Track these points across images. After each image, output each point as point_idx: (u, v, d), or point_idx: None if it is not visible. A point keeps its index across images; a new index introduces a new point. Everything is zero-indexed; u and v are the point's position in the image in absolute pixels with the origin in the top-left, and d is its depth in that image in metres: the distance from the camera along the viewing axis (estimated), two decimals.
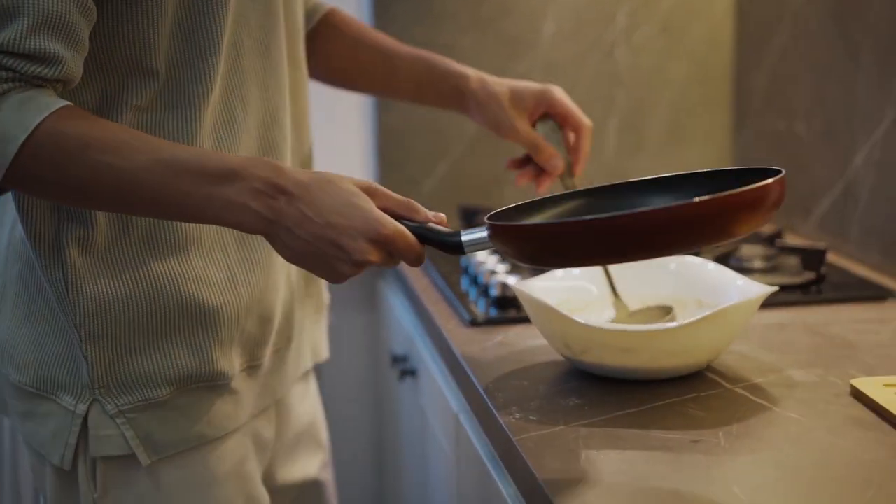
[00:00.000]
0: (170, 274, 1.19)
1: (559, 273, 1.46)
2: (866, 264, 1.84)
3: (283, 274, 1.31)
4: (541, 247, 1.08)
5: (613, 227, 1.02)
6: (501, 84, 1.49)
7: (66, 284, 1.17)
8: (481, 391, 1.31)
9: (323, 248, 1.07)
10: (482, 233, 1.11)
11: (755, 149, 2.27)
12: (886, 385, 1.26)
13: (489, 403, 1.27)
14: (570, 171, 1.49)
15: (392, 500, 2.26)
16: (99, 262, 1.18)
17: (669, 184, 1.18)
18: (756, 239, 1.94)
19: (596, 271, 1.45)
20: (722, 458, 1.11)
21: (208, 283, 1.20)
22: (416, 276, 1.89)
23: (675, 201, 1.04)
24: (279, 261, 1.28)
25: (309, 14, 1.48)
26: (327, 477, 1.50)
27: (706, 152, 2.35)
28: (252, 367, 1.28)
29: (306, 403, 1.46)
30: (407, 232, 1.09)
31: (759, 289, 1.34)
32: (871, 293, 1.66)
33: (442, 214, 1.12)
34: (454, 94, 1.50)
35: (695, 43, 2.32)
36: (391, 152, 2.27)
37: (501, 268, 1.71)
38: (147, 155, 1.07)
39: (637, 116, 2.34)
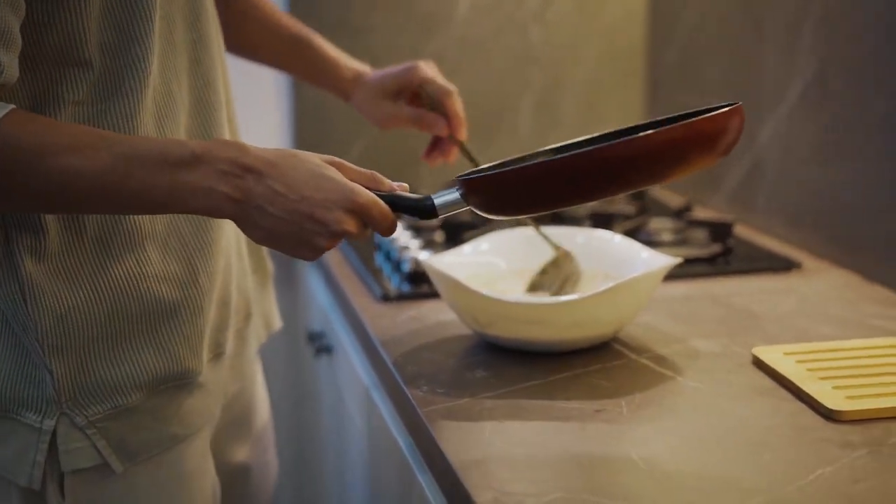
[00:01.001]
0: (128, 274, 1.14)
1: (467, 248, 1.47)
2: (773, 236, 1.88)
3: (234, 250, 1.29)
4: (516, 192, 1.07)
5: (588, 162, 1.03)
6: (370, 77, 1.51)
7: (24, 297, 1.11)
8: (390, 365, 1.32)
9: (299, 222, 1.05)
10: (454, 193, 1.11)
11: None
12: (787, 353, 1.29)
13: (397, 377, 1.28)
14: (456, 138, 1.49)
15: (311, 476, 2.26)
16: (55, 270, 1.12)
17: (630, 134, 1.18)
18: (665, 212, 1.97)
19: (504, 247, 1.47)
20: (623, 426, 1.13)
21: (168, 278, 1.16)
22: (331, 253, 1.89)
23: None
24: (226, 237, 1.25)
25: None
26: (270, 461, 1.49)
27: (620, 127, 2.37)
28: (217, 356, 1.26)
29: (258, 383, 1.45)
30: (380, 200, 1.08)
31: (662, 260, 1.37)
32: (777, 264, 1.70)
33: (405, 184, 1.12)
34: (350, 91, 1.54)
35: (608, 20, 2.34)
36: (307, 132, 2.27)
37: (414, 244, 1.72)
38: (107, 152, 1.03)
39: (552, 94, 2.35)
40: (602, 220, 1.85)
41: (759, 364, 1.28)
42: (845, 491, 0.99)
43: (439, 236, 1.86)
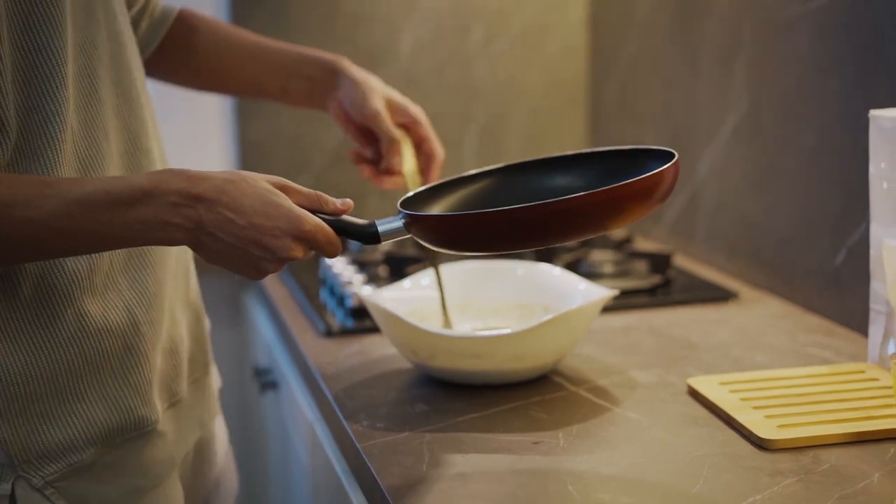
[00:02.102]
0: (69, 330, 1.14)
1: (407, 283, 1.49)
2: (712, 267, 1.91)
3: (180, 299, 1.28)
4: (453, 236, 1.12)
5: (516, 218, 1.08)
6: (376, 79, 1.49)
7: None
8: (331, 400, 1.33)
9: (248, 248, 1.07)
10: (397, 222, 1.14)
11: None
12: (721, 383, 1.31)
13: (338, 412, 1.29)
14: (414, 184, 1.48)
15: None
16: None
17: (568, 163, 1.23)
18: (606, 244, 2.00)
19: (445, 283, 1.48)
20: (560, 458, 1.15)
21: (109, 331, 1.16)
22: (275, 288, 1.90)
23: (573, 186, 1.12)
24: (176, 291, 1.26)
25: (160, 19, 1.43)
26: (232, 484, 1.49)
27: None
28: (173, 404, 1.26)
29: (222, 437, 1.45)
30: (326, 226, 1.10)
31: (600, 292, 1.39)
32: (715, 295, 1.73)
33: (349, 200, 1.14)
34: (326, 79, 1.48)
35: (549, 54, 2.37)
36: (253, 166, 2.28)
37: (358, 279, 1.73)
38: (55, 199, 1.04)
39: (495, 126, 2.38)
40: (544, 253, 1.88)
41: (694, 394, 1.31)
42: None
43: (383, 271, 1.87)
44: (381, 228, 1.14)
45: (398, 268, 1.83)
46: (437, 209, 1.21)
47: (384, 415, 1.27)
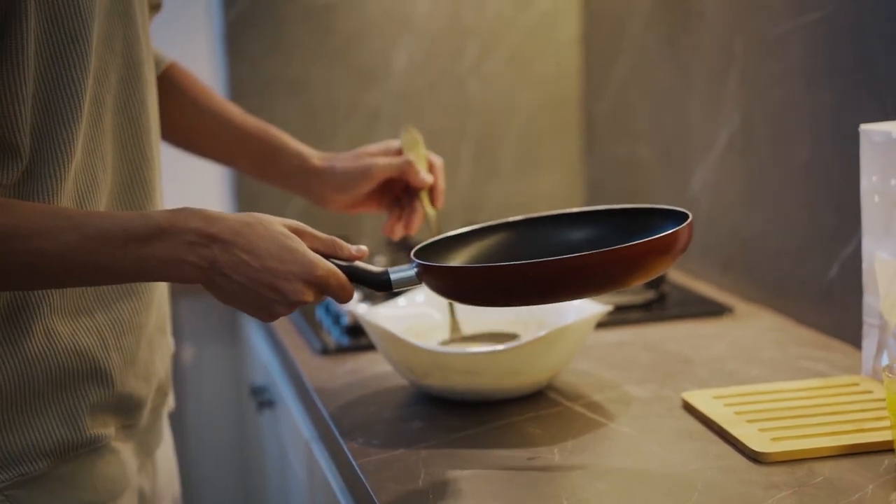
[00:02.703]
0: (38, 348, 1.14)
1: (402, 301, 1.50)
2: (706, 281, 1.92)
3: (154, 327, 1.28)
4: (465, 288, 1.14)
5: (530, 273, 1.09)
6: (323, 169, 1.47)
7: None
8: (327, 418, 1.33)
9: (260, 290, 1.09)
10: (409, 272, 1.16)
11: (603, 172, 2.34)
12: (716, 397, 1.32)
13: (334, 430, 1.29)
14: (431, 202, 1.47)
15: None
16: None
17: (585, 219, 1.25)
18: None
19: (439, 299, 1.48)
20: (555, 473, 1.15)
21: (77, 351, 1.16)
22: None
23: (589, 242, 1.15)
24: (152, 320, 1.26)
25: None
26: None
27: (558, 177, 2.42)
28: (129, 426, 1.26)
29: (169, 454, 1.45)
30: (339, 272, 1.12)
31: (594, 308, 1.40)
32: (709, 309, 1.73)
33: (364, 247, 1.16)
34: (298, 174, 1.48)
35: (543, 72, 2.39)
36: (248, 185, 2.28)
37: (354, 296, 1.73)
38: (72, 233, 1.05)
39: (489, 144, 2.39)
40: None
41: (688, 408, 1.31)
42: None
43: None
44: (393, 277, 1.15)
45: None
46: (452, 261, 1.23)
47: (380, 432, 1.28)
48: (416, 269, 1.15)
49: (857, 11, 1.49)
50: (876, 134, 1.30)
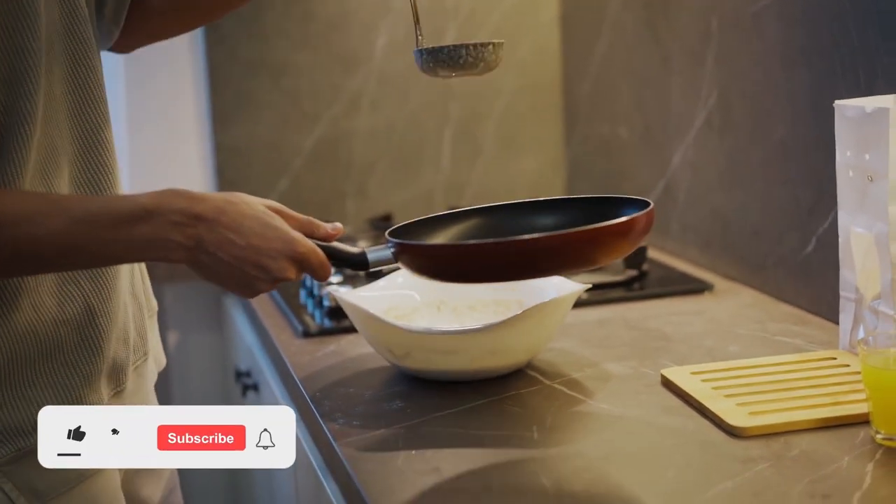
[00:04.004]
0: (26, 320, 1.15)
1: (382, 282, 1.50)
2: (686, 260, 1.93)
3: (127, 290, 1.29)
4: (439, 266, 1.19)
5: (502, 251, 1.15)
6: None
7: None
8: (308, 399, 1.34)
9: (245, 267, 1.12)
10: (386, 251, 1.21)
11: (584, 153, 2.35)
12: (694, 373, 1.33)
13: (315, 411, 1.30)
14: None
15: None
16: None
17: (555, 206, 1.31)
18: None
19: (419, 281, 1.49)
20: (533, 451, 1.16)
21: (66, 321, 1.18)
22: None
23: (559, 226, 1.21)
24: (122, 278, 1.26)
25: None
26: (177, 501, 1.49)
27: (539, 158, 2.42)
28: (118, 393, 1.26)
29: None
30: (319, 250, 1.16)
31: (572, 286, 1.40)
32: (689, 287, 1.74)
33: (339, 224, 1.21)
34: None
35: (523, 54, 2.39)
36: (230, 170, 2.29)
37: (335, 279, 1.74)
38: (60, 217, 1.08)
39: (471, 126, 2.39)
40: None
41: (667, 384, 1.32)
42: None
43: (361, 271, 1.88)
44: (370, 256, 1.21)
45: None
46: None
47: (360, 413, 1.28)
48: (392, 249, 1.19)
49: None
50: (849, 109, 1.30)
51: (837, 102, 1.33)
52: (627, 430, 1.21)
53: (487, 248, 1.16)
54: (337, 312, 1.64)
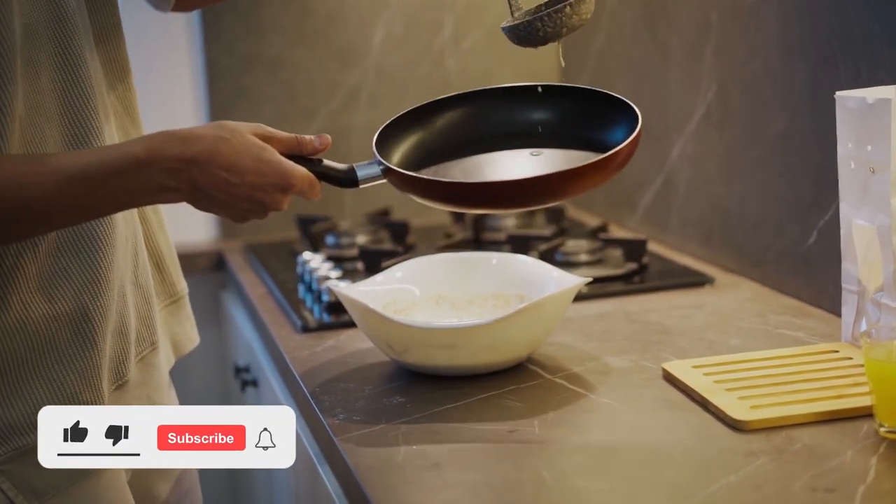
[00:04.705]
0: (16, 318, 1.14)
1: (381, 277, 1.49)
2: (686, 253, 1.92)
3: (129, 279, 1.27)
4: (424, 194, 1.22)
5: (478, 192, 1.22)
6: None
7: None
8: (308, 395, 1.33)
9: (240, 203, 1.15)
10: (375, 168, 1.23)
11: None
12: (695, 367, 1.32)
13: (315, 406, 1.29)
14: None
15: None
16: None
17: (539, 95, 1.34)
18: (581, 233, 2.00)
19: (417, 274, 1.49)
20: (535, 445, 1.16)
21: (57, 318, 1.16)
22: (254, 287, 1.90)
23: (543, 121, 1.31)
24: (118, 268, 1.24)
25: None
26: (196, 497, 1.48)
27: None
28: (120, 386, 1.25)
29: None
30: (310, 174, 1.18)
31: (573, 280, 1.40)
32: (689, 280, 1.74)
33: (326, 135, 1.22)
34: None
35: (520, 48, 2.37)
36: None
37: (334, 273, 1.74)
38: (52, 177, 1.08)
39: None
40: (519, 243, 1.88)
41: (668, 378, 1.31)
42: (748, 498, 1.02)
43: (360, 266, 1.88)
44: (360, 174, 1.23)
45: (373, 262, 1.84)
46: (412, 142, 1.30)
47: (360, 408, 1.28)
48: (381, 168, 1.23)
49: None
50: (850, 100, 1.30)
51: (838, 94, 1.32)
52: (629, 424, 1.20)
53: (472, 187, 1.22)
54: (336, 307, 1.63)
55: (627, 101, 1.27)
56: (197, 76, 2.29)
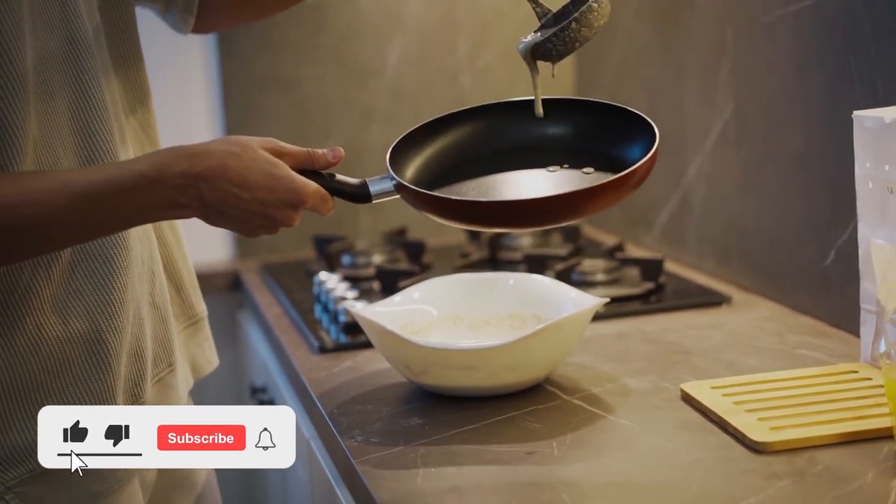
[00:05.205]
0: (29, 340, 1.14)
1: (398, 298, 1.49)
2: (703, 272, 1.91)
3: (145, 300, 1.28)
4: (439, 212, 1.20)
5: (493, 211, 1.19)
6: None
7: None
8: (326, 416, 1.33)
9: (251, 219, 1.14)
10: (388, 183, 1.22)
11: None
12: (714, 387, 1.32)
13: (333, 428, 1.29)
14: None
15: None
16: None
17: (558, 111, 1.34)
18: (597, 252, 2.00)
19: (435, 294, 1.49)
20: (554, 467, 1.15)
21: (71, 340, 1.16)
22: (270, 307, 1.90)
23: (560, 136, 1.30)
24: (133, 290, 1.24)
25: None
26: None
27: None
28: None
29: None
30: (321, 190, 1.17)
31: (590, 300, 1.39)
32: (707, 300, 1.73)
33: (339, 148, 1.21)
34: None
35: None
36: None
37: (350, 294, 1.74)
38: (61, 195, 1.08)
39: None
40: (536, 262, 1.88)
41: (687, 399, 1.31)
42: None
43: (376, 286, 1.88)
44: (372, 189, 1.22)
45: (390, 282, 1.84)
46: (426, 157, 1.28)
47: (378, 429, 1.27)
48: (393, 183, 1.21)
49: None
50: (868, 119, 1.29)
51: (856, 113, 1.31)
52: (648, 446, 1.20)
53: (485, 206, 1.19)
54: (353, 328, 1.63)
55: (645, 116, 1.25)
56: (212, 95, 2.29)
